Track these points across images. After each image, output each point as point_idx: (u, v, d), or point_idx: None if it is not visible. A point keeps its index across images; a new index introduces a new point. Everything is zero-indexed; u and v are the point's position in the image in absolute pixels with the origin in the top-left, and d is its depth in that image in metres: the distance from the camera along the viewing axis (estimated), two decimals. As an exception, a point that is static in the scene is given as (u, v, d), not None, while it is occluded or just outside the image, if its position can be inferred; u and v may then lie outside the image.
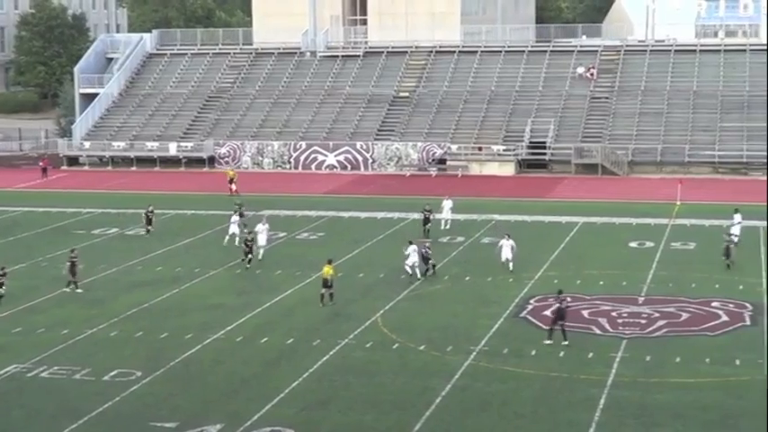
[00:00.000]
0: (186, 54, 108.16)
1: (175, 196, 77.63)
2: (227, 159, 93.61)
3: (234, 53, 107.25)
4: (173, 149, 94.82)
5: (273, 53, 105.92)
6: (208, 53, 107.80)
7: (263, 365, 37.59)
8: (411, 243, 51.08)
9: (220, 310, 45.16)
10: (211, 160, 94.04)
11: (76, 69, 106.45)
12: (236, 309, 45.14)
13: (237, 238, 57.50)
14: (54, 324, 43.00)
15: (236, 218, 59.67)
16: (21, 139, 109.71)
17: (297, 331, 41.68)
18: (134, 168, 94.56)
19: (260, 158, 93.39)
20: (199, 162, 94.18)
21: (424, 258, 50.35)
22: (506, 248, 51.13)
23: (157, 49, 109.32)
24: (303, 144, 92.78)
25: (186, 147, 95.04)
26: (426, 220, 60.54)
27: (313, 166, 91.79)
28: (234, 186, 77.65)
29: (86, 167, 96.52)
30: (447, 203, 63.35)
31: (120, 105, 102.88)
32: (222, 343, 40.50)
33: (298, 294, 47.91)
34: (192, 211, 70.35)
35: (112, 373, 36.49)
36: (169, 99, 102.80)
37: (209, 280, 51.06)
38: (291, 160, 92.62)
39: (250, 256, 53.12)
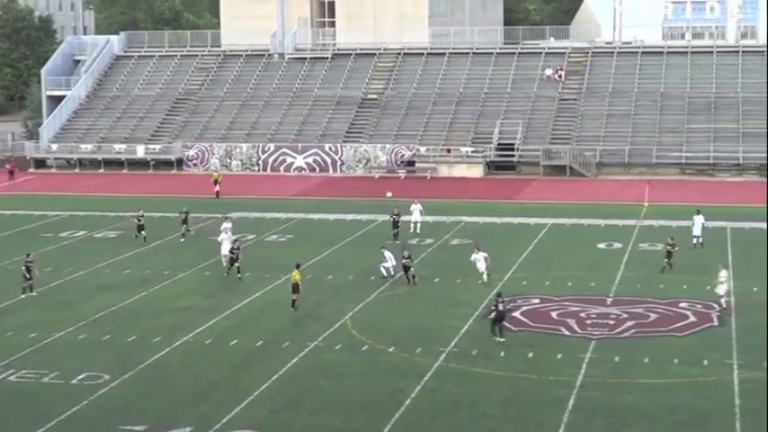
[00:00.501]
0: (154, 56, 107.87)
1: (144, 199, 77.27)
2: (195, 162, 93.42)
3: (202, 55, 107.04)
4: (141, 152, 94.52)
5: (241, 55, 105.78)
6: (176, 55, 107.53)
7: (232, 368, 37.51)
8: (383, 248, 51.14)
9: (189, 312, 45.04)
10: (180, 162, 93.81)
11: (43, 71, 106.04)
12: (206, 311, 45.04)
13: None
14: (22, 327, 42.77)
15: (226, 224, 57.28)
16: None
17: (266, 333, 41.64)
18: (102, 171, 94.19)
19: (228, 160, 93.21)
20: (167, 164, 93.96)
21: (405, 268, 49.89)
22: (480, 262, 50.14)
23: (125, 52, 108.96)
24: (272, 146, 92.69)
25: (154, 149, 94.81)
26: (395, 224, 60.53)
27: (282, 168, 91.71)
28: (217, 188, 77.24)
29: (54, 170, 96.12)
30: (416, 207, 63.29)
31: (87, 108, 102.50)
32: (191, 345, 40.39)
33: (267, 296, 47.85)
34: (161, 214, 70.03)
35: (81, 377, 36.34)
36: (137, 101, 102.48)
37: (178, 282, 50.91)
38: (260, 162, 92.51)
39: (237, 264, 51.41)
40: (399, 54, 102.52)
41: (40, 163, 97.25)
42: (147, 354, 39.05)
